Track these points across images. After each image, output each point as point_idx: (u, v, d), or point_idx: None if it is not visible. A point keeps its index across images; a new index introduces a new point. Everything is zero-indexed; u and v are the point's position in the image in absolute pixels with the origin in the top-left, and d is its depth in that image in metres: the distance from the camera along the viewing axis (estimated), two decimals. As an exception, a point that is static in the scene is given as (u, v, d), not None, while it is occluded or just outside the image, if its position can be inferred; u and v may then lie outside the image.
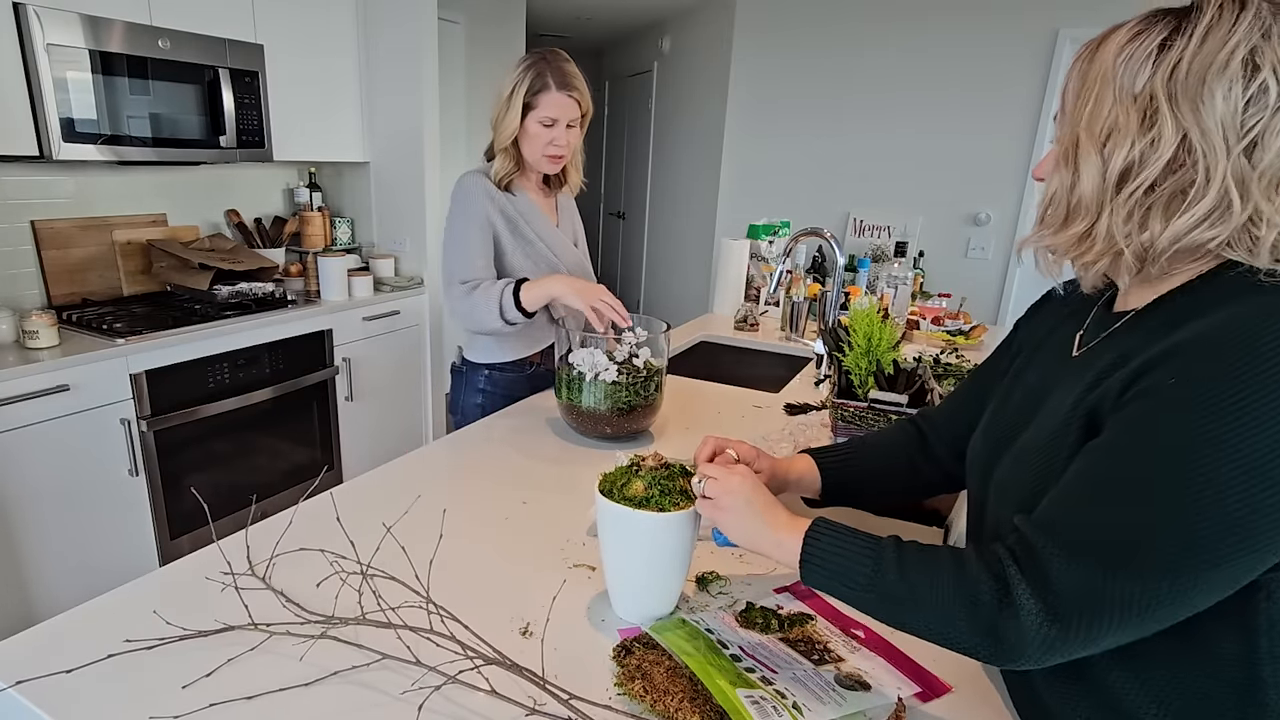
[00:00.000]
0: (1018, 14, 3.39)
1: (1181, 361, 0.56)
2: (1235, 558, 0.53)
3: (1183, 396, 0.54)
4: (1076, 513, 0.59)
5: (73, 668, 0.75)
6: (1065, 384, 0.69)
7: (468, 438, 1.44)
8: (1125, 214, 0.61)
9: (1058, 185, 0.66)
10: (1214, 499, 0.52)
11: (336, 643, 0.80)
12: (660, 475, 0.83)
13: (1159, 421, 0.56)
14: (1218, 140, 0.56)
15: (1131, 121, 0.59)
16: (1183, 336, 0.57)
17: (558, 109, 1.50)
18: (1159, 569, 0.54)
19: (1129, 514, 0.56)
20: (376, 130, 3.03)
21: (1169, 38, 0.58)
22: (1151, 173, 0.59)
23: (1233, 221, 0.57)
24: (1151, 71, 0.58)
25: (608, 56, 6.55)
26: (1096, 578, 0.56)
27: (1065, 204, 0.65)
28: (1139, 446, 0.56)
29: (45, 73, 1.93)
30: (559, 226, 1.72)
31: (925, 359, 1.55)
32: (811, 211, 3.98)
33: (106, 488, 2.06)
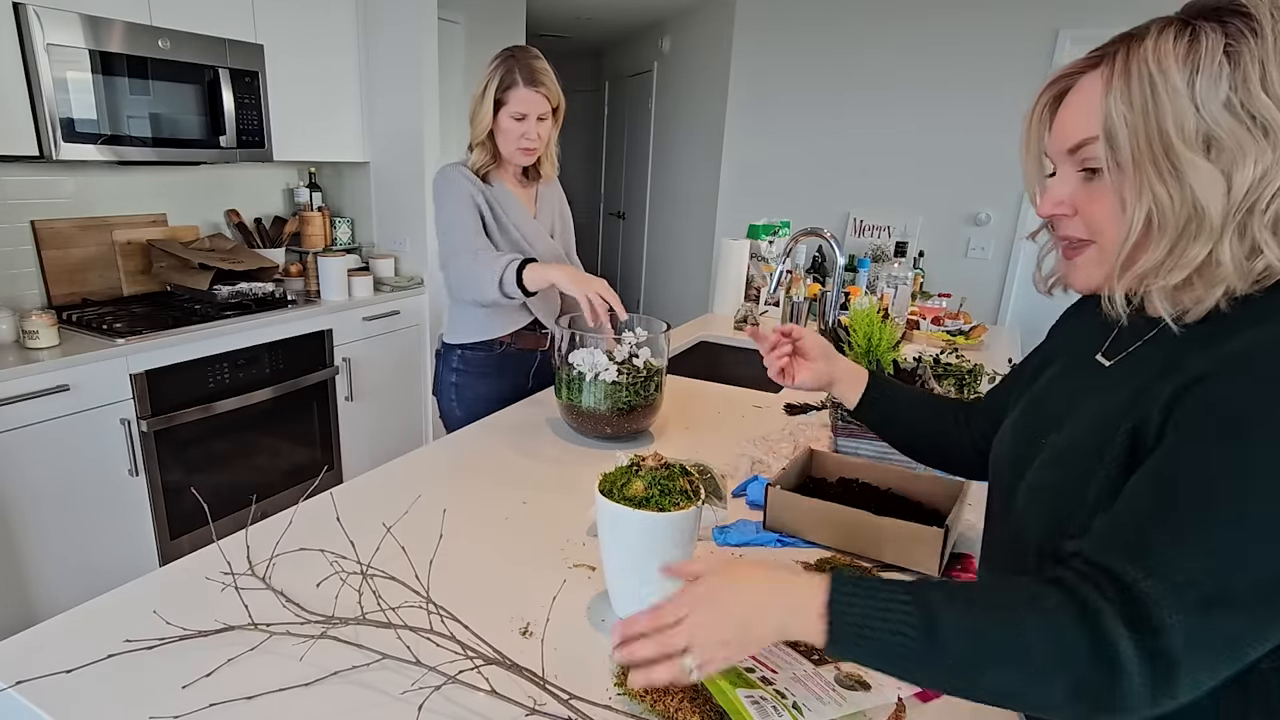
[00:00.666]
0: (1018, 13, 3.39)
1: (1247, 372, 0.53)
2: None
3: (1253, 411, 0.51)
4: (1176, 547, 0.52)
5: (73, 668, 0.75)
6: (1100, 390, 0.67)
7: (467, 438, 1.44)
8: (1249, 232, 0.55)
9: (1150, 202, 0.57)
10: None
11: (336, 642, 0.80)
12: (660, 475, 0.83)
13: (1223, 425, 0.53)
14: None
15: (1239, 133, 0.53)
16: (1242, 345, 0.54)
17: (527, 104, 1.56)
18: (1255, 597, 0.50)
19: (1231, 547, 0.51)
20: (376, 130, 3.03)
21: (1230, 44, 0.54)
22: (1276, 186, 0.53)
23: None
24: (1231, 79, 0.53)
25: (608, 56, 6.55)
26: (1204, 617, 0.50)
27: (1174, 222, 0.56)
28: (1223, 468, 0.52)
29: (45, 73, 1.93)
30: (537, 218, 1.74)
31: (925, 359, 1.55)
32: (811, 211, 3.98)
33: (106, 488, 2.06)
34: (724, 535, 1.08)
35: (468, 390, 1.73)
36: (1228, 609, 0.50)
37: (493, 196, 1.65)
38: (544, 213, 1.77)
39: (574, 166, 7.42)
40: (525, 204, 1.72)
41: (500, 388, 1.73)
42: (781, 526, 1.08)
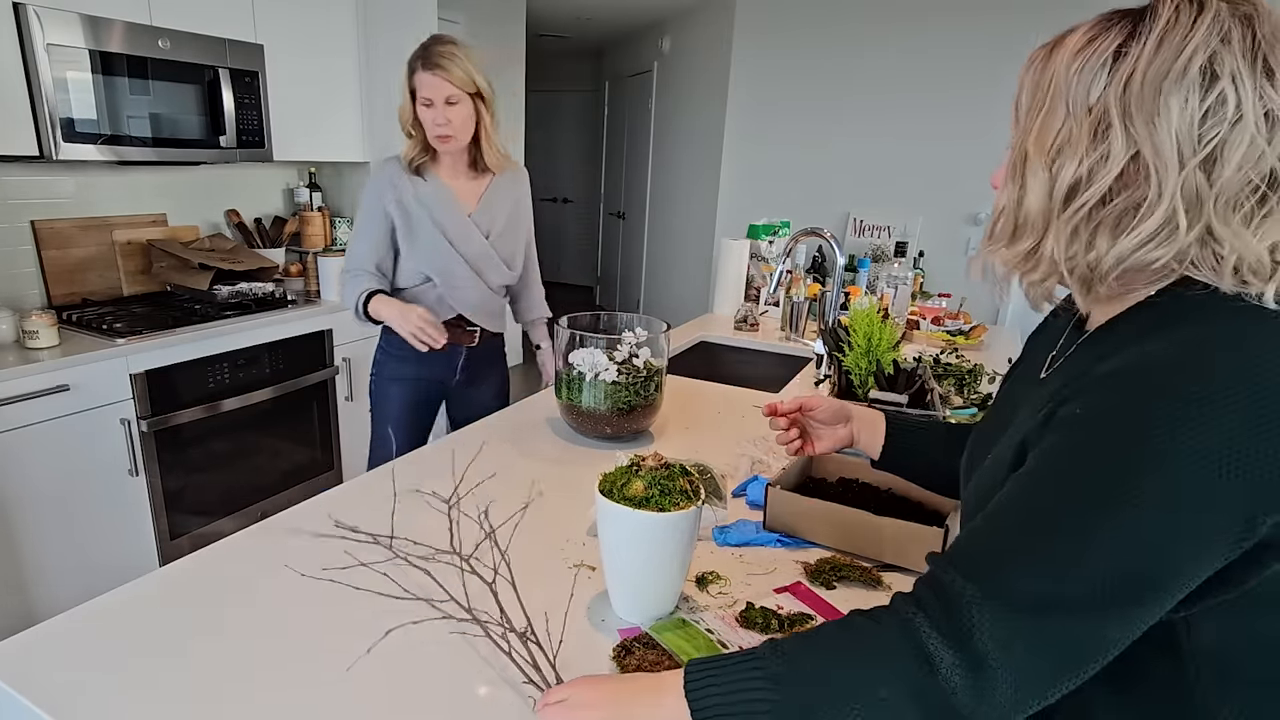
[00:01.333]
0: (1017, 14, 3.39)
1: (1103, 389, 0.54)
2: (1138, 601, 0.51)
3: (1086, 428, 0.53)
4: (1010, 554, 0.54)
5: (73, 668, 0.75)
6: (1028, 404, 0.67)
7: (467, 438, 1.44)
8: (1070, 231, 0.57)
9: (1006, 199, 0.63)
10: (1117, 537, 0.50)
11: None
12: (660, 475, 0.83)
13: (1073, 451, 0.54)
14: (1170, 156, 0.52)
15: (1082, 135, 0.56)
16: (1115, 364, 0.54)
17: (428, 88, 1.58)
18: (1076, 604, 0.51)
19: (1045, 551, 0.52)
20: (376, 130, 3.03)
21: (1124, 44, 0.55)
22: (1099, 189, 0.55)
23: (1178, 242, 0.53)
24: (1106, 82, 0.55)
25: (608, 56, 6.55)
26: (1017, 623, 0.52)
27: (1013, 218, 0.62)
28: (1048, 478, 0.55)
29: (45, 73, 1.93)
30: (475, 213, 1.73)
31: (925, 359, 1.55)
32: (811, 211, 3.98)
33: (106, 488, 2.06)
34: (724, 535, 1.08)
35: (386, 369, 1.79)
36: (1059, 612, 0.51)
37: (420, 192, 1.67)
38: (492, 207, 1.75)
39: (574, 166, 7.42)
40: (465, 198, 1.72)
41: (420, 373, 1.78)
42: (781, 526, 1.08)
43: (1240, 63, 0.51)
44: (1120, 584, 0.51)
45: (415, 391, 1.81)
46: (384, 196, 1.68)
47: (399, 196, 1.68)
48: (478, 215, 1.73)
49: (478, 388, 1.90)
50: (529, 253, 1.89)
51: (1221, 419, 0.48)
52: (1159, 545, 0.50)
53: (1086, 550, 0.51)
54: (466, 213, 1.72)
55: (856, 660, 0.56)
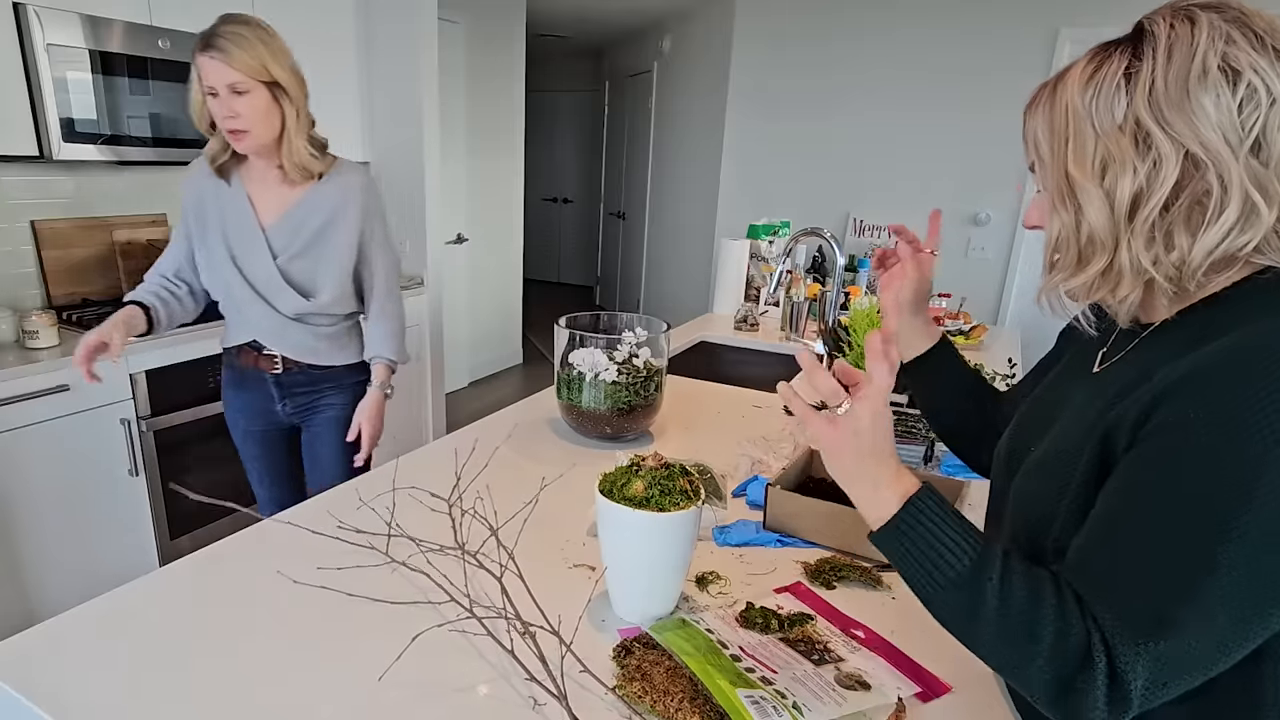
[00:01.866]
0: (1017, 14, 3.39)
1: (1204, 388, 0.53)
2: (1271, 619, 0.51)
3: (1205, 432, 0.52)
4: (1118, 577, 0.55)
5: (73, 668, 0.75)
6: (1083, 398, 0.67)
7: (467, 438, 1.43)
8: (1146, 239, 0.59)
9: (1060, 227, 0.63)
10: (1248, 558, 0.50)
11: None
12: (660, 475, 0.83)
13: (1184, 465, 0.53)
14: (1222, 147, 0.54)
15: (1125, 149, 0.58)
16: (1206, 358, 0.54)
17: (208, 74, 1.35)
18: (1213, 643, 0.52)
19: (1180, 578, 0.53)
20: (376, 131, 3.03)
21: (1130, 65, 0.58)
22: (1162, 193, 0.57)
23: (1263, 223, 0.55)
24: (1128, 100, 0.57)
25: (608, 56, 6.55)
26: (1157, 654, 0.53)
27: (1075, 244, 0.62)
28: (1171, 494, 0.54)
29: (45, 73, 1.93)
30: (270, 228, 1.49)
31: (925, 359, 1.55)
32: (811, 211, 3.98)
33: (106, 488, 2.06)
34: (724, 535, 1.08)
35: (223, 394, 1.68)
36: (1172, 637, 0.52)
37: (221, 197, 1.49)
38: (295, 222, 1.50)
39: (574, 167, 7.42)
40: (266, 209, 1.50)
41: (247, 402, 1.64)
42: (781, 526, 1.08)
43: (1255, 56, 0.54)
44: (1244, 605, 0.51)
45: (249, 420, 1.66)
46: (188, 199, 1.52)
47: (200, 199, 1.50)
48: (273, 230, 1.49)
49: (312, 427, 1.66)
50: (371, 279, 1.61)
51: None
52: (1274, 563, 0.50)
53: (1213, 577, 0.51)
54: (262, 226, 1.49)
55: (1039, 628, 0.56)
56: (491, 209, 4.49)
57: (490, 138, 4.34)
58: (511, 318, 4.93)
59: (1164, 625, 0.52)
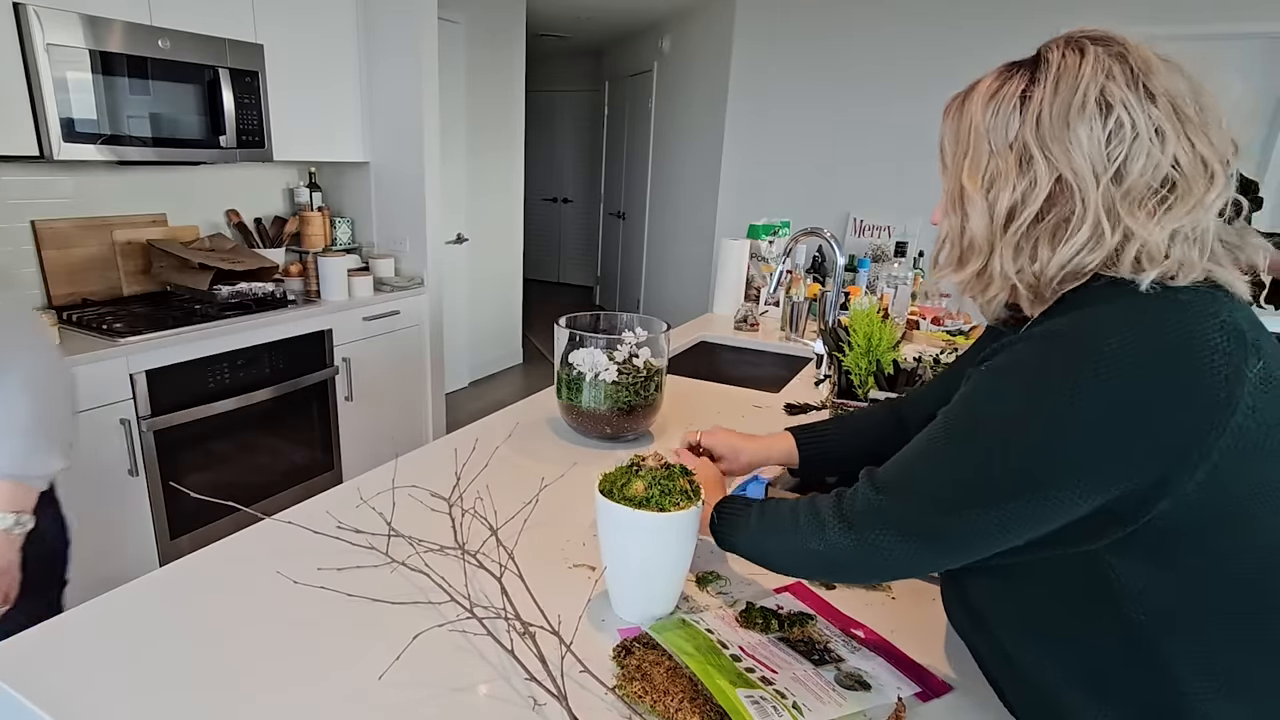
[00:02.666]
0: (1017, 14, 3.39)
1: (1001, 353, 0.65)
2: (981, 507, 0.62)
3: (986, 377, 0.65)
4: (893, 463, 0.71)
5: (73, 668, 0.75)
6: None
7: (467, 438, 1.43)
8: (1014, 249, 0.66)
9: (949, 229, 0.71)
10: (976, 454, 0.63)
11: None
12: (660, 475, 0.83)
13: (961, 399, 0.66)
14: (1088, 174, 0.61)
15: (1010, 167, 0.64)
16: (1033, 329, 0.65)
17: None
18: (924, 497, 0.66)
19: (921, 460, 0.68)
20: (376, 130, 3.03)
21: (1027, 88, 0.64)
22: (1033, 209, 0.63)
23: (1106, 245, 0.61)
24: (1020, 122, 0.64)
25: (608, 56, 6.55)
26: (875, 498, 0.69)
27: (959, 246, 0.70)
28: (947, 413, 0.67)
29: (45, 73, 1.93)
30: None
31: (925, 359, 1.55)
32: (811, 211, 3.97)
33: (106, 488, 2.06)
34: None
35: None
36: (900, 499, 0.68)
37: None
38: None
39: (574, 167, 7.42)
40: None
41: None
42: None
43: (1127, 92, 0.60)
44: (962, 495, 0.63)
45: None
46: None
47: None
48: None
49: None
50: None
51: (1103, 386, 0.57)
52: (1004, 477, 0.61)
53: (946, 467, 0.65)
54: None
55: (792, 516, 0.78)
56: (491, 209, 4.49)
57: (490, 137, 4.34)
58: (511, 318, 4.93)
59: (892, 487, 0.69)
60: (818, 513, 0.74)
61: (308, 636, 0.82)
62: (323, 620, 0.85)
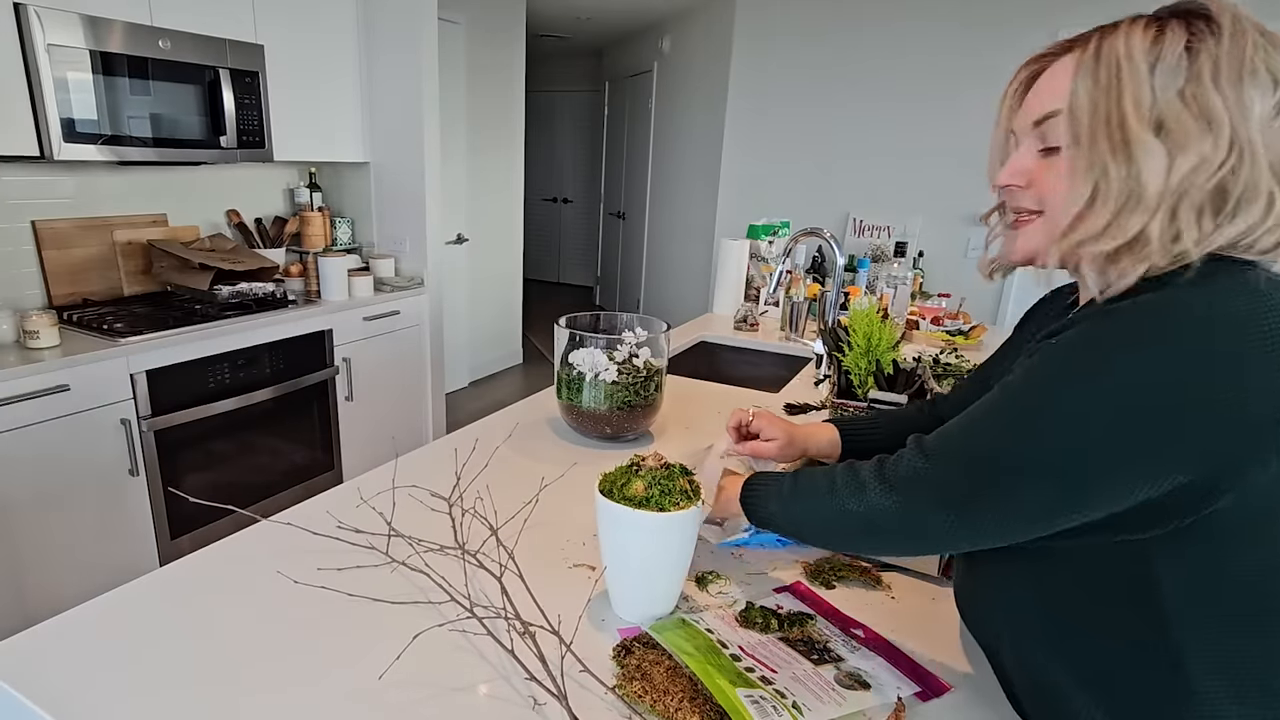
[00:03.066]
0: (1017, 13, 3.39)
1: (1060, 334, 0.61)
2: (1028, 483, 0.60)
3: (1041, 356, 0.61)
4: (943, 430, 0.69)
5: (73, 668, 0.75)
6: None
7: (467, 438, 1.43)
8: (1183, 214, 0.58)
9: (1097, 181, 0.60)
10: (1028, 431, 0.60)
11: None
12: (660, 475, 0.83)
13: (1024, 371, 0.63)
14: (1260, 144, 0.56)
15: (1185, 121, 0.57)
16: (1092, 311, 0.61)
17: None
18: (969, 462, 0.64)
19: (971, 428, 0.65)
20: (376, 130, 3.03)
21: (1190, 41, 0.58)
22: (1209, 174, 0.57)
23: (1269, 224, 0.57)
24: (1188, 71, 0.57)
25: (608, 56, 6.55)
26: (919, 463, 0.67)
27: (1114, 201, 0.60)
28: (1006, 384, 0.64)
29: (45, 73, 1.93)
30: None
31: (925, 359, 1.56)
32: (811, 211, 3.98)
33: (107, 488, 2.06)
34: (729, 539, 1.07)
35: None
36: (945, 465, 0.66)
37: None
38: None
39: (574, 166, 7.42)
40: None
41: None
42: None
43: None
44: (1009, 466, 0.61)
45: None
46: None
47: None
48: None
49: None
50: None
51: (1161, 370, 0.54)
52: (1052, 453, 0.59)
53: (995, 443, 0.63)
54: None
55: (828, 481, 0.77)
56: (491, 209, 4.49)
57: (490, 137, 4.34)
58: (511, 318, 4.93)
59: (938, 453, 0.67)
60: (857, 474, 0.72)
61: (308, 636, 0.82)
62: (323, 620, 0.85)
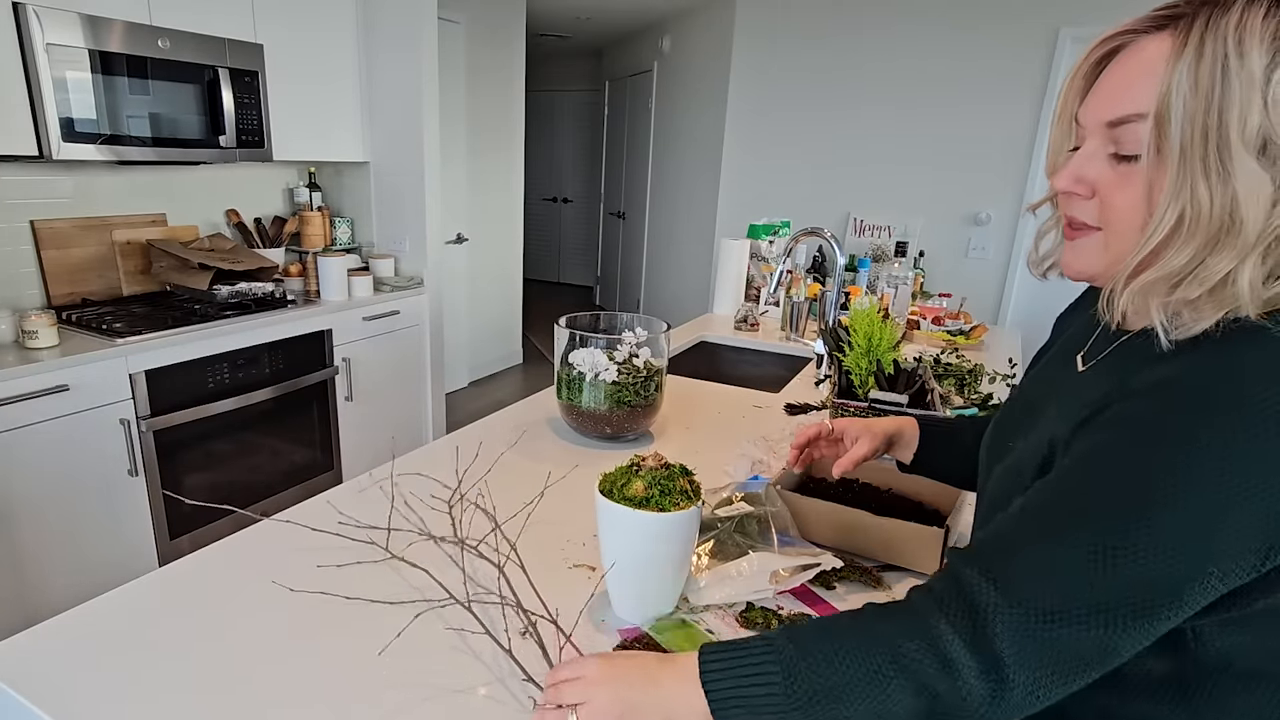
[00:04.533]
0: (1019, 14, 3.39)
1: (1135, 400, 0.52)
2: (1162, 608, 0.50)
3: (1122, 437, 0.51)
4: (1024, 561, 0.53)
5: (73, 668, 0.74)
6: (1062, 399, 0.64)
7: (467, 438, 1.43)
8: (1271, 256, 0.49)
9: (1185, 202, 0.50)
10: (1150, 543, 0.49)
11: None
12: (660, 475, 0.83)
13: (1112, 455, 0.52)
14: None
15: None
16: (1166, 372, 0.52)
17: None
18: (1092, 613, 0.50)
19: (1066, 551, 0.51)
20: (376, 130, 3.03)
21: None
22: None
23: None
24: None
25: (608, 56, 6.55)
26: (1035, 628, 0.51)
27: (1205, 227, 0.50)
28: (1077, 482, 0.53)
29: (45, 73, 1.93)
30: None
31: (925, 359, 1.55)
32: (811, 211, 3.98)
33: (106, 488, 2.06)
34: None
35: None
36: (1065, 624, 0.51)
37: None
38: None
39: (574, 166, 7.42)
40: None
41: None
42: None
43: None
44: (1135, 598, 0.50)
45: None
46: None
47: None
48: None
49: None
50: None
51: (1266, 444, 0.47)
52: (1177, 562, 0.49)
53: (1106, 562, 0.50)
54: None
55: (873, 659, 0.54)
56: (491, 209, 4.49)
57: (490, 137, 4.34)
58: (511, 318, 4.93)
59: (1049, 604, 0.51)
60: (943, 657, 0.52)
61: (307, 636, 0.82)
62: (322, 620, 0.85)
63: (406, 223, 3.10)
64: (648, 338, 1.42)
